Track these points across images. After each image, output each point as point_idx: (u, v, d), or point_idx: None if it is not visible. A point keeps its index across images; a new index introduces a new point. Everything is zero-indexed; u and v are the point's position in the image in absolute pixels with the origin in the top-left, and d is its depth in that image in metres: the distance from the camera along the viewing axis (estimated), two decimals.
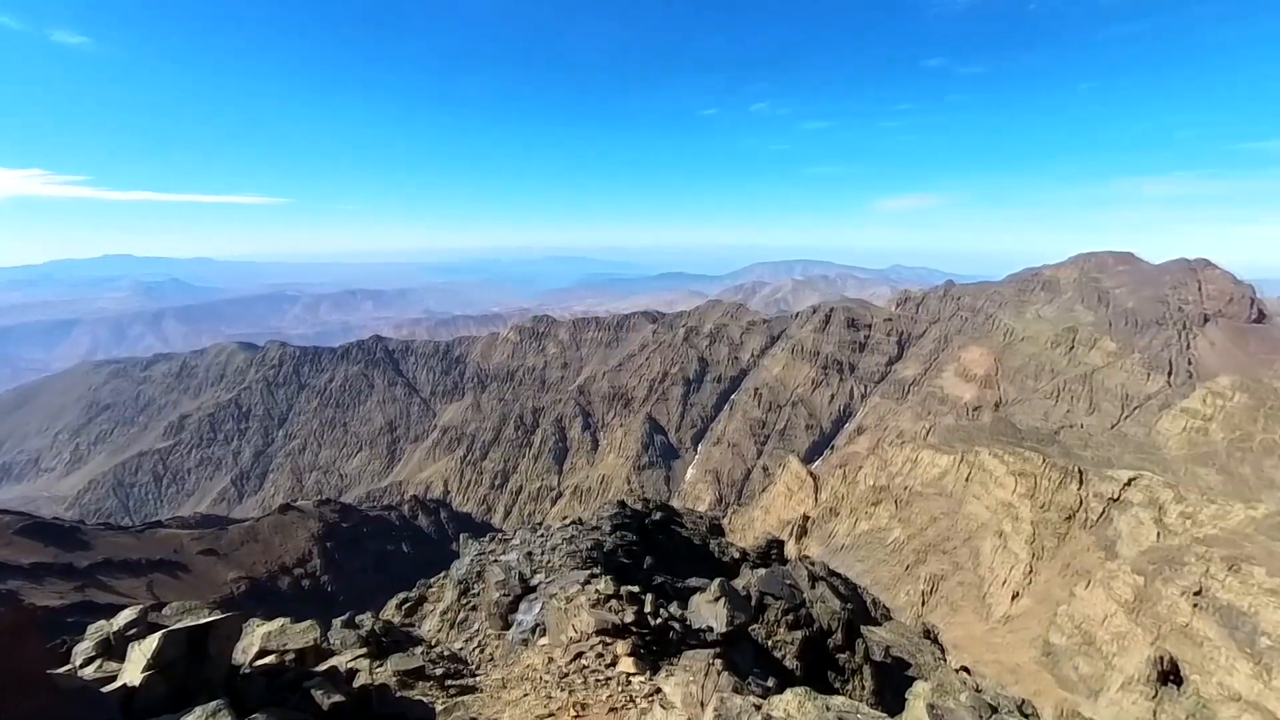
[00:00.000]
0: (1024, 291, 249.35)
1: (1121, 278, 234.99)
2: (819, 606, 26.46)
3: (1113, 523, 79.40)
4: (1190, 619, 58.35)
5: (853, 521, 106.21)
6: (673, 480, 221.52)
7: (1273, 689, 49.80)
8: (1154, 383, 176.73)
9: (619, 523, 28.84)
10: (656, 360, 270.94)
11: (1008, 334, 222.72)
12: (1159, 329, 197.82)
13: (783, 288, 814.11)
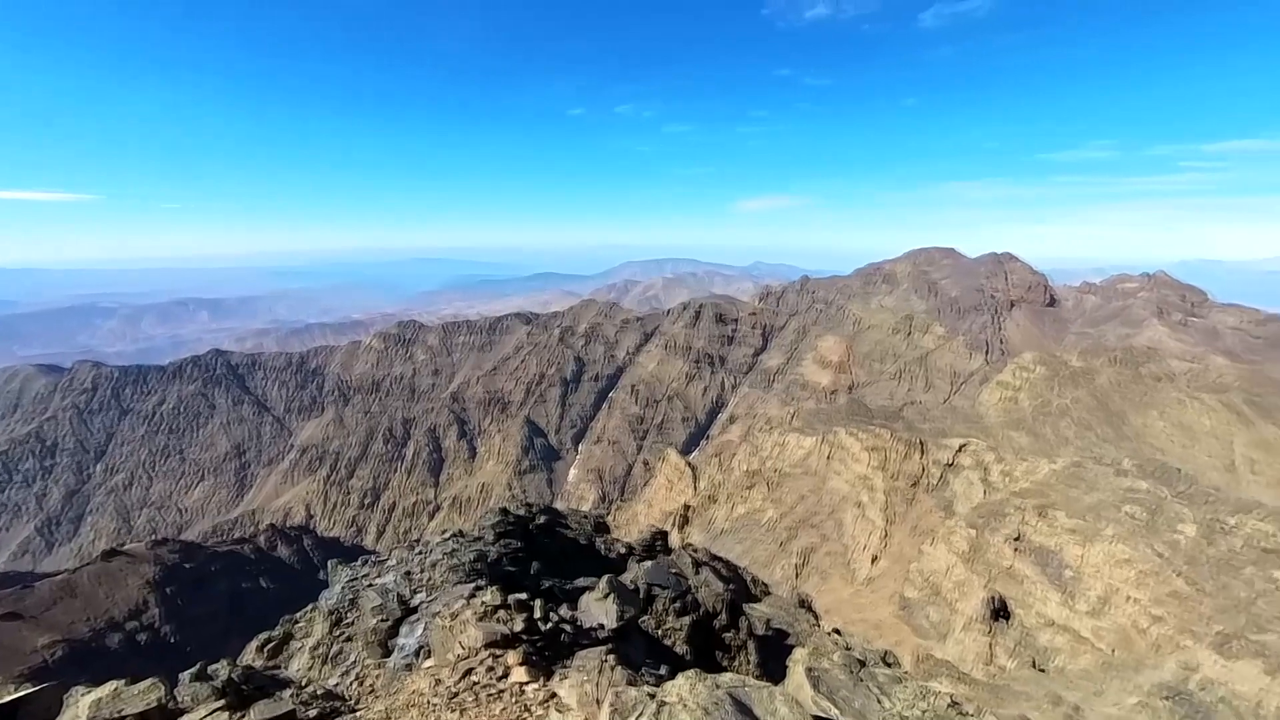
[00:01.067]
0: (868, 284, 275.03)
1: (946, 270, 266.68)
2: (704, 591, 27.48)
3: (949, 485, 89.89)
4: (1013, 562, 67.54)
5: (730, 506, 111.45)
6: (555, 482, 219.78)
7: (1076, 612, 58.96)
8: (975, 361, 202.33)
9: (502, 531, 28.11)
10: (533, 362, 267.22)
11: (857, 323, 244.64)
12: (977, 314, 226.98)
13: (654, 286, 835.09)
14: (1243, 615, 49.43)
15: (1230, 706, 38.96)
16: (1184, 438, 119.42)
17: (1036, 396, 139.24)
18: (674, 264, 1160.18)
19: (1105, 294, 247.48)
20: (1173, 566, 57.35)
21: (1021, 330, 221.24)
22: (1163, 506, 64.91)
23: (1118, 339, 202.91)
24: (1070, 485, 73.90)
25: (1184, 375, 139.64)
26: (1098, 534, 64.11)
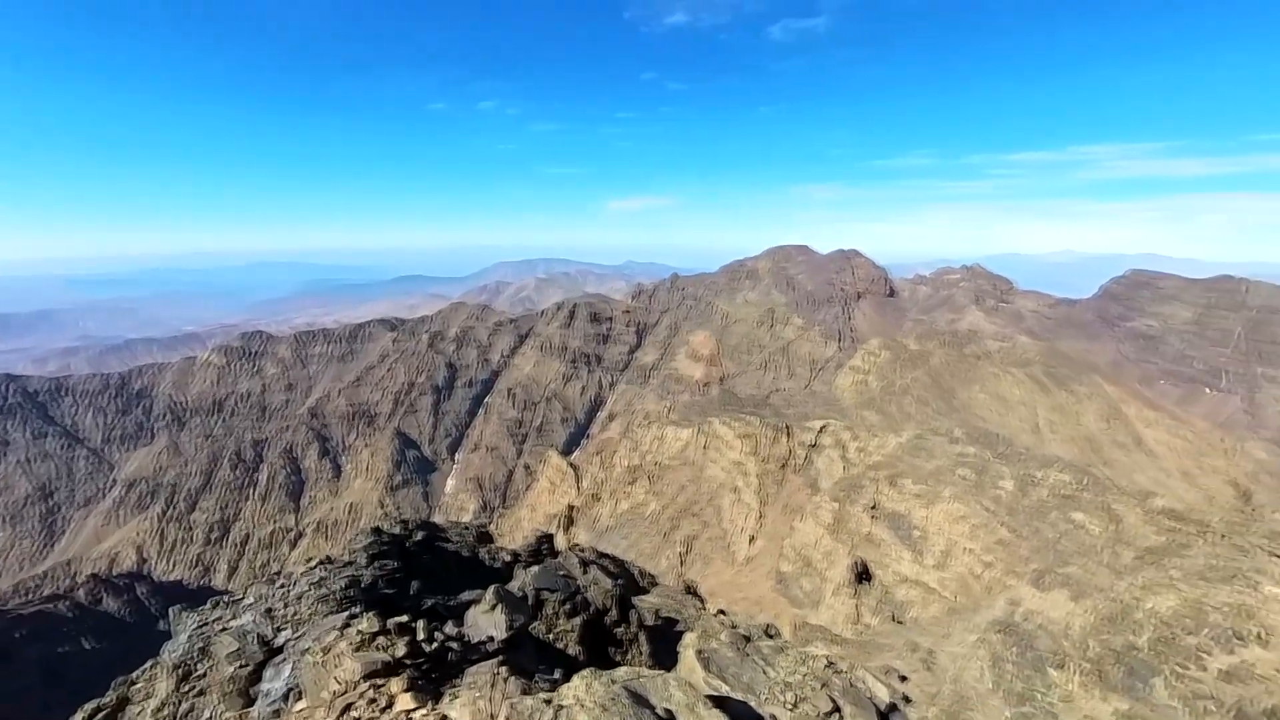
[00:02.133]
0: (734, 280, 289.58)
1: (801, 266, 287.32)
2: (593, 589, 27.59)
3: (813, 464, 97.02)
4: (871, 528, 74.31)
5: (614, 503, 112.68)
6: (433, 495, 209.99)
7: (924, 567, 66.10)
8: (830, 349, 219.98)
9: (376, 552, 26.46)
10: (400, 370, 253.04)
11: (724, 318, 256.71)
12: (830, 306, 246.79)
13: (527, 286, 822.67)
14: (1051, 553, 58.10)
15: (1046, 631, 45.64)
16: (1000, 406, 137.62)
17: (883, 378, 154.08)
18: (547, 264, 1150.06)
19: (934, 285, 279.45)
20: (998, 518, 66.08)
21: (868, 319, 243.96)
22: (987, 467, 74.53)
23: (945, 324, 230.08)
24: (914, 455, 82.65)
25: (997, 353, 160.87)
26: (938, 496, 72.31)
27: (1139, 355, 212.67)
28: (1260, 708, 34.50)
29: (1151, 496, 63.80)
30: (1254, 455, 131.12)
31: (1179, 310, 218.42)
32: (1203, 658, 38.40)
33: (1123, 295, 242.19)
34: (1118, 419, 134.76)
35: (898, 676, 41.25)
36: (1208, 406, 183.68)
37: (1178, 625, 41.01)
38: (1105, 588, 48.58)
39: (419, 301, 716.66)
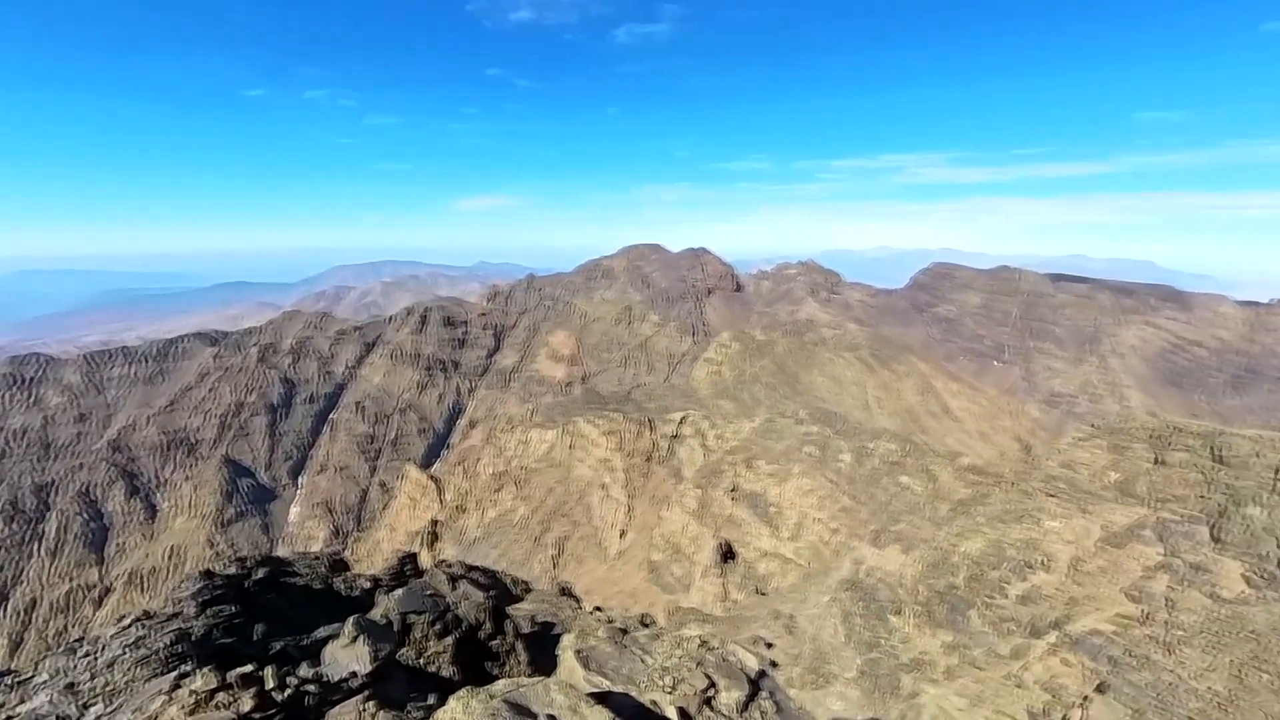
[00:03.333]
0: (590, 279, 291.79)
1: (655, 264, 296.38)
2: (464, 605, 26.53)
3: (676, 454, 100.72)
4: (732, 510, 78.70)
5: (481, 512, 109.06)
6: (274, 526, 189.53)
7: (781, 540, 71.28)
8: (685, 343, 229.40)
9: (209, 598, 23.38)
10: (226, 390, 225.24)
11: (583, 317, 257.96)
12: (683, 302, 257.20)
13: (372, 291, 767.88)
14: (884, 514, 65.35)
15: (885, 583, 51.27)
16: (836, 387, 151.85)
17: (735, 368, 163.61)
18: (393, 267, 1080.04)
19: (775, 279, 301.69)
20: (840, 488, 73.01)
21: (718, 313, 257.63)
22: (829, 443, 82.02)
23: (786, 315, 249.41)
24: (766, 438, 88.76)
25: (831, 340, 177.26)
26: (789, 474, 78.34)
27: (943, 336, 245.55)
28: (1047, 621, 41.34)
29: (959, 456, 73.96)
30: (1031, 414, 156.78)
31: (971, 297, 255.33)
32: (1004, 587, 45.21)
33: (929, 285, 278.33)
34: (930, 392, 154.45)
35: (764, 644, 44.11)
36: (996, 377, 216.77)
37: (984, 563, 47.92)
38: (929, 539, 55.59)
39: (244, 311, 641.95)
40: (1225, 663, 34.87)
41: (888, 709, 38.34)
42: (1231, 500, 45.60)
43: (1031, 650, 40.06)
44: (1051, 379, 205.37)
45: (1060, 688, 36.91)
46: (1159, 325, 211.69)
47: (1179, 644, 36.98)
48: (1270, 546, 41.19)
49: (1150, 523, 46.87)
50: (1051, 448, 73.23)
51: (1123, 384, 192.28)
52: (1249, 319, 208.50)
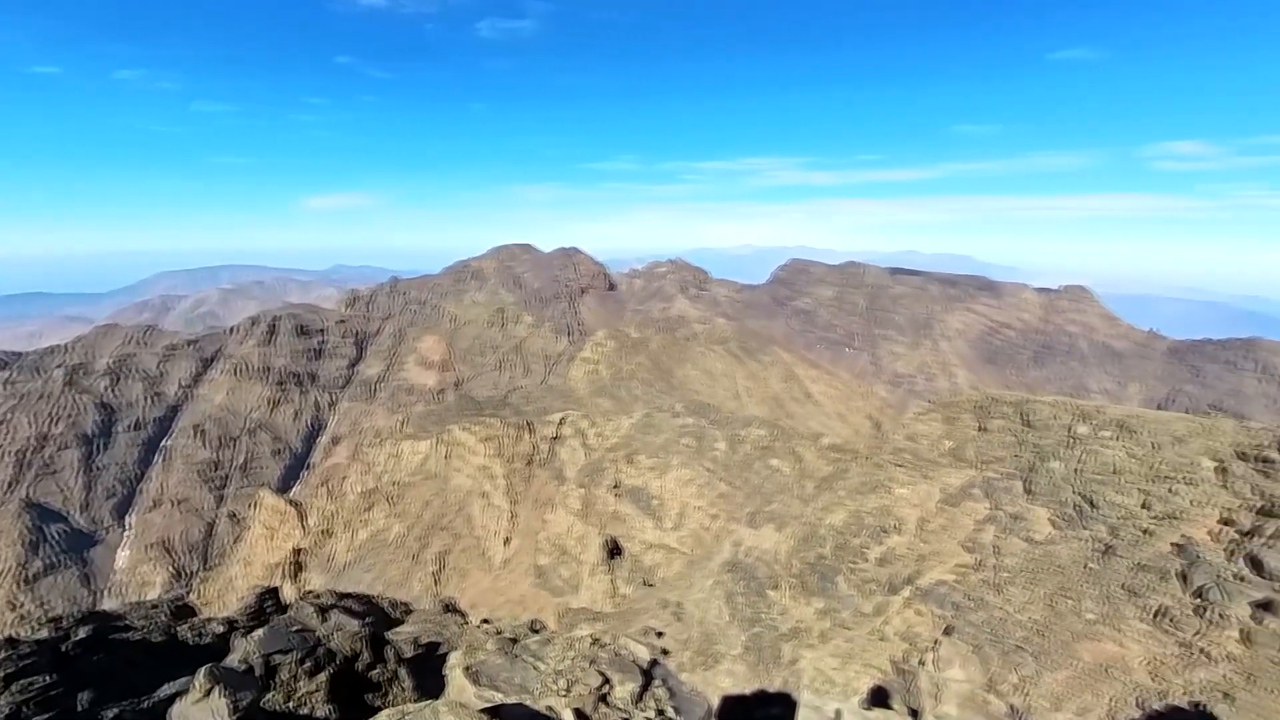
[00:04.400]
0: (459, 281, 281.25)
1: (527, 264, 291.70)
2: (337, 637, 24.64)
3: (557, 455, 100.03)
4: (616, 506, 79.57)
5: (351, 534, 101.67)
6: (97, 576, 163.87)
7: (665, 530, 73.20)
8: (561, 343, 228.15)
9: (13, 670, 19.77)
10: (23, 421, 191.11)
11: (453, 320, 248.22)
12: (557, 302, 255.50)
13: (208, 299, 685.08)
14: (758, 496, 69.27)
15: (762, 561, 54.38)
16: (708, 379, 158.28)
17: (611, 366, 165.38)
18: (232, 272, 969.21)
19: (646, 278, 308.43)
20: (717, 475, 76.31)
21: (593, 312, 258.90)
22: (704, 433, 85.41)
23: (659, 312, 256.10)
24: (645, 433, 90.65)
25: (702, 334, 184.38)
26: (669, 466, 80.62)
27: (802, 327, 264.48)
28: (902, 578, 45.92)
29: (821, 436, 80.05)
30: (880, 395, 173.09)
31: (824, 290, 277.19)
32: (865, 552, 49.63)
33: (787, 280, 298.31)
34: (793, 379, 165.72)
35: (655, 634, 45.11)
36: (848, 362, 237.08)
37: (847, 532, 52.30)
38: (798, 515, 59.69)
39: (43, 327, 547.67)
40: (1040, 595, 40.67)
41: (772, 678, 40.70)
42: (1038, 457, 53.24)
43: (890, 606, 44.28)
44: (894, 362, 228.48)
45: (915, 636, 41.13)
46: (977, 311, 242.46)
47: (1005, 584, 42.58)
48: (1069, 494, 48.54)
49: (978, 482, 53.48)
50: (897, 423, 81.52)
51: (951, 363, 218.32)
52: (1044, 303, 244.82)
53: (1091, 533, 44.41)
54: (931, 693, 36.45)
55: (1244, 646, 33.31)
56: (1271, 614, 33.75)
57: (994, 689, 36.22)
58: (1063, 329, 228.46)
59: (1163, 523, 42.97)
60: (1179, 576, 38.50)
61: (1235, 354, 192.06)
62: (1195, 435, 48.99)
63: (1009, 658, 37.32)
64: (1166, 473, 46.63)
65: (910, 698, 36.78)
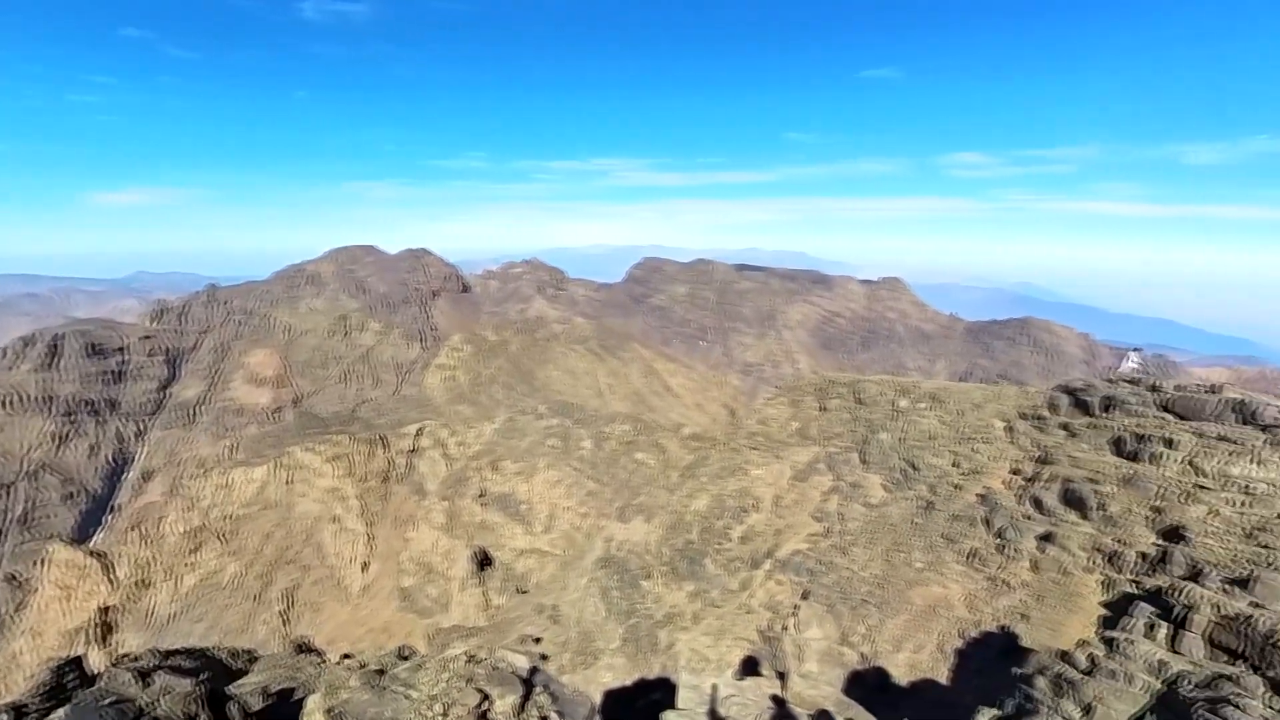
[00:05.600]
0: (293, 287, 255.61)
1: (370, 267, 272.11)
2: (165, 702, 21.54)
3: (416, 469, 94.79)
4: (483, 515, 77.11)
5: (174, 583, 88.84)
6: None
7: (535, 535, 72.20)
8: (414, 350, 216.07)
9: None
10: None
11: (288, 331, 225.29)
12: (407, 307, 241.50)
13: None
14: (626, 490, 70.60)
15: (634, 553, 55.56)
16: (570, 379, 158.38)
17: (470, 371, 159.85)
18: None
19: (502, 278, 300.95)
20: (584, 474, 76.61)
21: (447, 316, 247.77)
22: (569, 433, 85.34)
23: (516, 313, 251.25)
24: (509, 437, 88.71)
25: (562, 334, 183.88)
26: (535, 469, 79.57)
27: (658, 324, 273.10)
28: (763, 552, 49.16)
29: (682, 427, 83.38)
30: (733, 384, 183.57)
31: (678, 288, 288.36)
32: (728, 533, 52.50)
33: (642, 278, 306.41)
34: (653, 374, 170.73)
35: (532, 641, 44.43)
36: (703, 355, 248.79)
37: (711, 516, 54.99)
38: (665, 505, 61.74)
39: None
40: (879, 552, 45.54)
41: (651, 665, 41.78)
42: (869, 430, 59.48)
43: (754, 580, 47.28)
44: (744, 352, 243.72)
45: (778, 604, 44.29)
46: (813, 303, 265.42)
47: (849, 546, 47.14)
48: (896, 460, 54.74)
49: (822, 457, 58.66)
50: (750, 409, 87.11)
51: (794, 351, 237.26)
52: (867, 293, 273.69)
53: (915, 492, 50.64)
54: (795, 654, 39.52)
55: (1034, 573, 39.81)
56: (1051, 544, 40.66)
57: (846, 641, 40.08)
58: (883, 316, 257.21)
59: (969, 477, 50.06)
60: (983, 522, 45.08)
61: (1014, 331, 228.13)
62: (989, 401, 57.58)
63: (857, 611, 41.49)
64: (969, 434, 54.33)
65: (777, 662, 39.60)
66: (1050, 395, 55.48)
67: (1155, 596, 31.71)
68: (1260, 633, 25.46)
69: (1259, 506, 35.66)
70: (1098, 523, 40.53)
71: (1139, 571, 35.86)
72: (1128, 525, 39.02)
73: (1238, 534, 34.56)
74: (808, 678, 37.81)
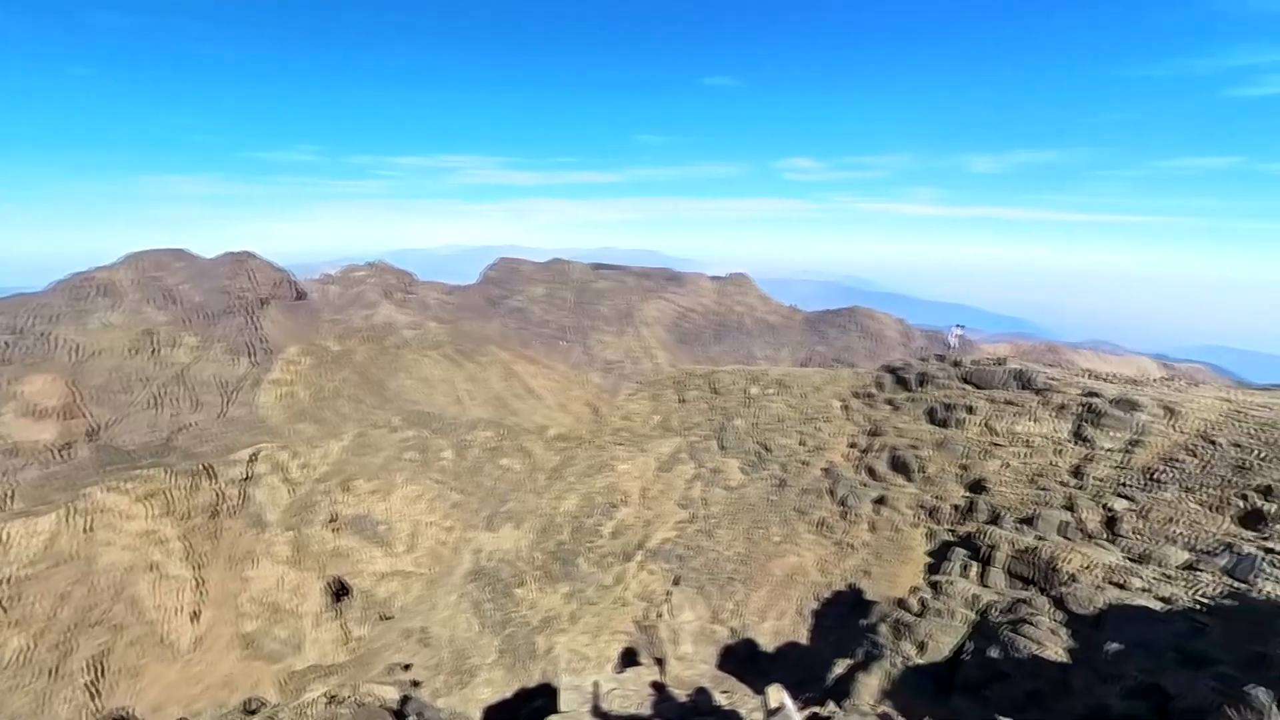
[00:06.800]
0: (79, 300, 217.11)
1: (182, 274, 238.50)
2: None
3: (253, 499, 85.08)
4: (336, 541, 71.15)
5: None
6: None
7: (397, 555, 67.99)
8: (241, 366, 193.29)
9: None
10: None
11: (75, 351, 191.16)
12: (230, 317, 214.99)
13: None
14: (493, 498, 68.69)
15: (506, 562, 54.24)
16: (426, 387, 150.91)
17: (310, 385, 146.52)
18: None
19: (343, 283, 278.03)
20: (447, 485, 73.38)
21: (280, 326, 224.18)
22: (428, 444, 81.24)
23: (362, 320, 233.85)
24: (360, 454, 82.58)
25: (414, 340, 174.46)
26: (393, 485, 74.85)
27: (517, 325, 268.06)
28: (634, 545, 50.23)
29: (547, 429, 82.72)
30: (595, 382, 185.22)
31: (535, 288, 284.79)
32: (599, 530, 53.03)
33: (498, 279, 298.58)
34: (513, 377, 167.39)
35: (401, 669, 41.90)
36: (563, 355, 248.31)
37: (581, 515, 55.21)
38: (534, 509, 60.97)
39: None
40: (740, 532, 48.40)
41: (530, 673, 41.13)
42: (725, 417, 62.94)
43: (627, 572, 48.22)
44: (604, 350, 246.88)
45: (651, 593, 45.54)
46: (668, 299, 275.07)
47: (714, 529, 49.63)
48: (750, 444, 58.41)
49: (684, 447, 61.12)
50: (613, 406, 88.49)
51: (652, 347, 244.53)
52: (717, 289, 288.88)
53: (769, 472, 54.53)
54: (670, 639, 40.91)
55: (872, 534, 44.56)
56: (885, 506, 45.78)
57: (717, 619, 42.23)
58: (732, 309, 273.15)
59: (814, 454, 54.83)
60: (829, 493, 49.63)
61: (844, 319, 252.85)
62: (827, 384, 63.40)
63: (724, 590, 43.86)
64: (812, 415, 59.47)
65: (655, 649, 40.75)
66: (876, 375, 62.45)
67: (967, 541, 36.93)
68: (1044, 560, 30.60)
69: (1037, 456, 42.78)
70: (920, 483, 46.28)
71: (953, 521, 41.50)
72: (943, 483, 44.99)
73: (1023, 481, 41.24)
74: (684, 659, 39.36)
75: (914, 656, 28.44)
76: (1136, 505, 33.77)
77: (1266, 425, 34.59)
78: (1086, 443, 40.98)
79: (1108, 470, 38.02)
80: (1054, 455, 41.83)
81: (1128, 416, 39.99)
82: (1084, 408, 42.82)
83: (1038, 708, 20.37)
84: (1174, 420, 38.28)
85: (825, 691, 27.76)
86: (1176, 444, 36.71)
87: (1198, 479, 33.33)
